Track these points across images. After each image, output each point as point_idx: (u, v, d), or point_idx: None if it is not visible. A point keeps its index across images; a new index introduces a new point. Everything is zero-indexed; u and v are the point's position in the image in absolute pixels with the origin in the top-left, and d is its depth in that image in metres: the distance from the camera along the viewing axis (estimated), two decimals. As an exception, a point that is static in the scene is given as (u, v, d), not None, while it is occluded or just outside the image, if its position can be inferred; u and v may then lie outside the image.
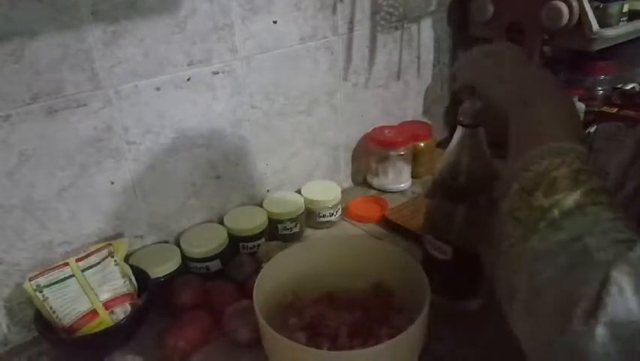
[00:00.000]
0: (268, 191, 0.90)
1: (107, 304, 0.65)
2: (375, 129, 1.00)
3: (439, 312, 0.58)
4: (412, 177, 1.02)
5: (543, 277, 0.35)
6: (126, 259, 0.71)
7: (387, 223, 0.89)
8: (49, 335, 0.63)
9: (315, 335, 0.60)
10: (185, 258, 0.76)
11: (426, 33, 1.06)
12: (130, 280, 0.68)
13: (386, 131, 0.99)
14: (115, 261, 0.68)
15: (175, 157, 0.76)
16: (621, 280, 0.31)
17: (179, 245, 0.77)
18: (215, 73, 0.76)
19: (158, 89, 0.71)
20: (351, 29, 0.91)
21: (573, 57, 1.08)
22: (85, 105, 0.65)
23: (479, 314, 0.65)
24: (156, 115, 0.72)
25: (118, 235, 0.74)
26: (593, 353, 0.31)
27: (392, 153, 0.97)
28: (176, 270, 0.74)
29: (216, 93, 0.77)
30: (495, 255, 0.42)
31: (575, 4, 0.86)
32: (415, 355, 0.57)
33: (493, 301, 0.42)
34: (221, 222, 0.82)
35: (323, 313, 0.62)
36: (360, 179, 1.05)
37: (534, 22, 0.91)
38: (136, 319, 0.65)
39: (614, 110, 0.97)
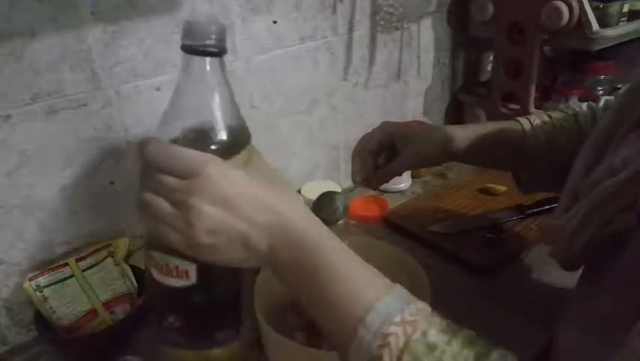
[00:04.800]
0: (268, 191, 0.90)
1: (107, 305, 0.65)
2: (375, 129, 1.00)
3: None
4: (412, 177, 1.02)
5: None
6: (126, 259, 0.71)
7: (387, 223, 0.88)
8: (49, 335, 0.63)
9: (315, 335, 0.59)
10: (185, 258, 0.76)
11: (426, 33, 1.06)
12: (130, 280, 0.68)
13: (386, 131, 0.99)
14: (115, 261, 0.68)
15: (175, 157, 0.76)
16: None
17: (179, 245, 0.77)
18: (215, 73, 0.76)
19: (158, 89, 0.71)
20: (351, 29, 0.91)
21: (573, 57, 1.08)
22: (85, 105, 0.65)
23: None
24: (156, 115, 0.72)
25: (118, 235, 0.74)
26: None
27: (392, 153, 0.97)
28: (176, 270, 0.74)
29: (216, 93, 0.77)
30: None
31: (575, 4, 0.86)
32: (415, 355, 0.56)
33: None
34: (221, 222, 0.82)
35: (323, 313, 0.62)
36: (360, 179, 1.05)
37: (534, 22, 0.91)
38: (136, 319, 0.65)
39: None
